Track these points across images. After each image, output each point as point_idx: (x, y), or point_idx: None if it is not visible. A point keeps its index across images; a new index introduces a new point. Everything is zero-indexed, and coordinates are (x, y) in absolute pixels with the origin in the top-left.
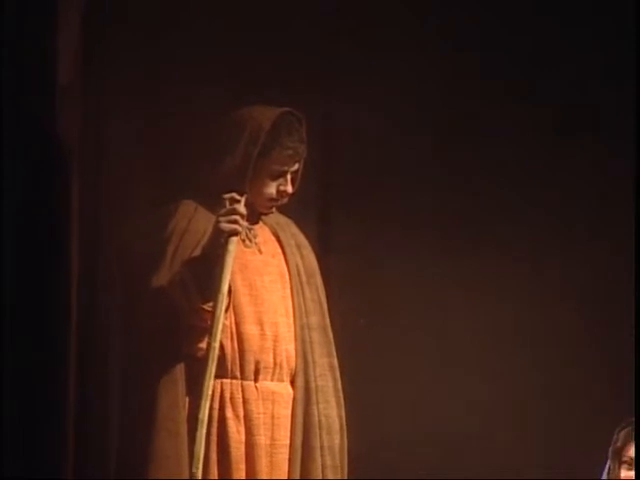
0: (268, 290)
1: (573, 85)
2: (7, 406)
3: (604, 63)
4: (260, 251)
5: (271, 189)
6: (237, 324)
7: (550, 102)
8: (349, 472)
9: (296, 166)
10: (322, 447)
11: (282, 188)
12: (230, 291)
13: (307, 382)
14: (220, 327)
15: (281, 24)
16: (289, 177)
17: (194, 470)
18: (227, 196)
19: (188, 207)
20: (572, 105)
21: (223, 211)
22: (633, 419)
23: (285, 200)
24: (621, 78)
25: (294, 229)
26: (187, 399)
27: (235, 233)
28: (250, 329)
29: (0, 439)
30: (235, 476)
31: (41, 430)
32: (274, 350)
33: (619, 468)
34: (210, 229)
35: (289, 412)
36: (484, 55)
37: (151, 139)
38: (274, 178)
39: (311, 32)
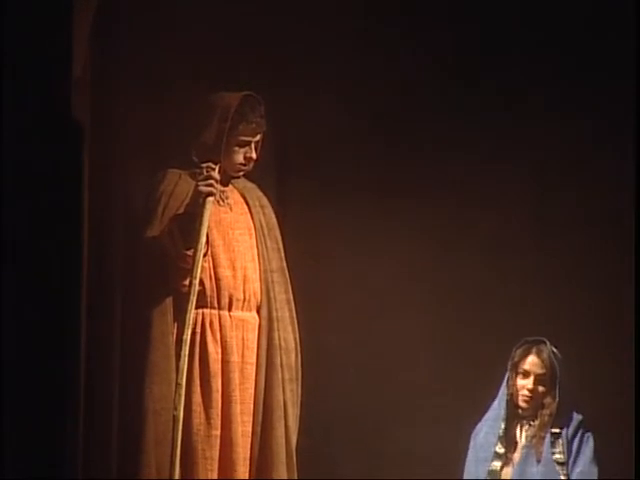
0: (238, 241)
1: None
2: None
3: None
4: (231, 209)
5: (239, 156)
6: (214, 267)
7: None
8: (302, 385)
9: (258, 137)
10: (282, 364)
11: (248, 155)
12: (208, 240)
13: (270, 313)
14: (199, 268)
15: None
16: (253, 146)
17: (179, 380)
18: (204, 165)
19: (174, 175)
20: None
21: (201, 177)
22: (530, 339)
23: (251, 166)
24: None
25: (258, 192)
26: (175, 325)
27: (211, 194)
28: (224, 272)
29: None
30: (213, 386)
31: (54, 340)
32: (244, 287)
33: (515, 378)
34: (191, 192)
35: (255, 336)
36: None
37: (147, 121)
38: (242, 147)
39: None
